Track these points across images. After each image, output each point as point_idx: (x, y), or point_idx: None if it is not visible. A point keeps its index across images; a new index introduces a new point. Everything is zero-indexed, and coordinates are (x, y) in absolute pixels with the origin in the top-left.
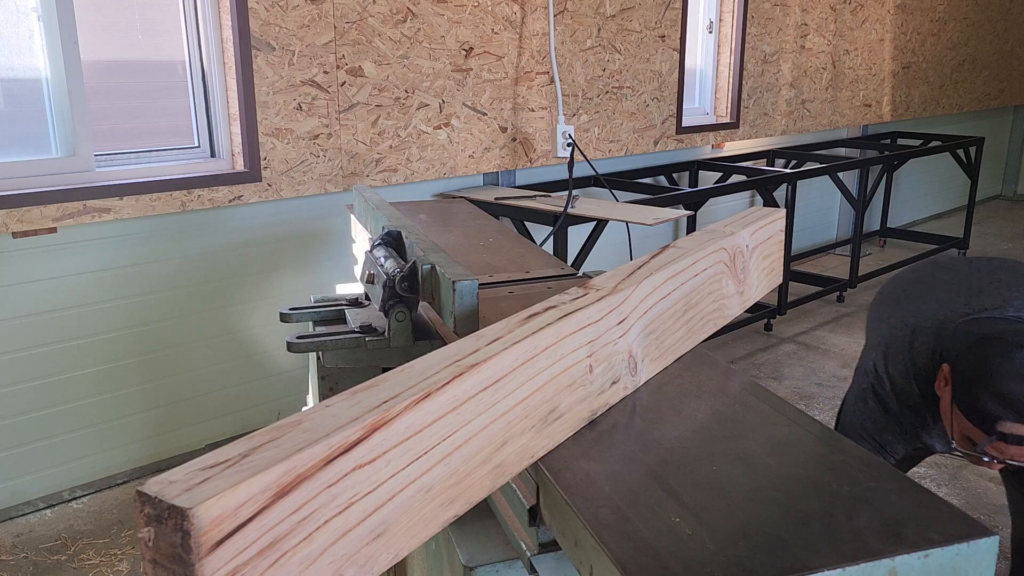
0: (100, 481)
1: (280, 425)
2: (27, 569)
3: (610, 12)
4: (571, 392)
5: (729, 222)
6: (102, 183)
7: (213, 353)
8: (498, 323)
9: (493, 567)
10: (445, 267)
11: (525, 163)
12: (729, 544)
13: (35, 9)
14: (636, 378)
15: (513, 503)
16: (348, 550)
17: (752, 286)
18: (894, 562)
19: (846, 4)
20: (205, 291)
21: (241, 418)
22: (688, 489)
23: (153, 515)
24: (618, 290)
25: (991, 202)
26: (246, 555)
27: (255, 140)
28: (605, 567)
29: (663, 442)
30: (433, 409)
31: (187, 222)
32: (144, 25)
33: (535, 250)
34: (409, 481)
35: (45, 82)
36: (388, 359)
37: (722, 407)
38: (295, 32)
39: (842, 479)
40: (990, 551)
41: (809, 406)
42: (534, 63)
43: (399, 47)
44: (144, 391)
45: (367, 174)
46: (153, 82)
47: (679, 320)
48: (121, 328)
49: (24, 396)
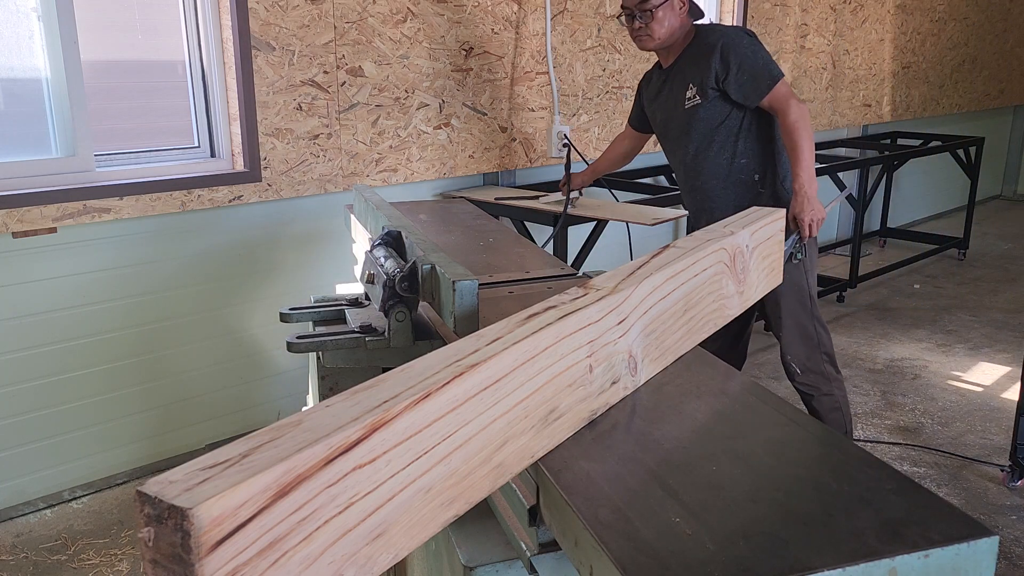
0: (100, 481)
1: (280, 425)
2: (27, 569)
3: (610, 12)
4: (571, 392)
5: (729, 222)
6: (102, 183)
7: (213, 353)
8: (498, 323)
9: (493, 567)
10: (445, 267)
11: (525, 163)
12: (729, 544)
13: (35, 9)
14: (636, 378)
15: (513, 503)
16: (348, 550)
17: (752, 286)
18: (894, 562)
19: (846, 4)
20: (205, 291)
21: (241, 418)
22: (688, 489)
23: (153, 515)
24: (618, 290)
25: (991, 202)
26: (246, 555)
27: (255, 140)
28: (605, 567)
29: (663, 442)
30: (433, 409)
31: (187, 222)
32: (144, 25)
33: (535, 250)
34: (409, 481)
35: (45, 82)
36: (388, 359)
37: (722, 407)
38: (295, 32)
39: (842, 479)
40: (990, 551)
41: None
42: (534, 63)
43: (399, 47)
44: (144, 391)
45: (367, 174)
46: (153, 82)
47: (679, 320)
48: (121, 328)
49: (24, 396)
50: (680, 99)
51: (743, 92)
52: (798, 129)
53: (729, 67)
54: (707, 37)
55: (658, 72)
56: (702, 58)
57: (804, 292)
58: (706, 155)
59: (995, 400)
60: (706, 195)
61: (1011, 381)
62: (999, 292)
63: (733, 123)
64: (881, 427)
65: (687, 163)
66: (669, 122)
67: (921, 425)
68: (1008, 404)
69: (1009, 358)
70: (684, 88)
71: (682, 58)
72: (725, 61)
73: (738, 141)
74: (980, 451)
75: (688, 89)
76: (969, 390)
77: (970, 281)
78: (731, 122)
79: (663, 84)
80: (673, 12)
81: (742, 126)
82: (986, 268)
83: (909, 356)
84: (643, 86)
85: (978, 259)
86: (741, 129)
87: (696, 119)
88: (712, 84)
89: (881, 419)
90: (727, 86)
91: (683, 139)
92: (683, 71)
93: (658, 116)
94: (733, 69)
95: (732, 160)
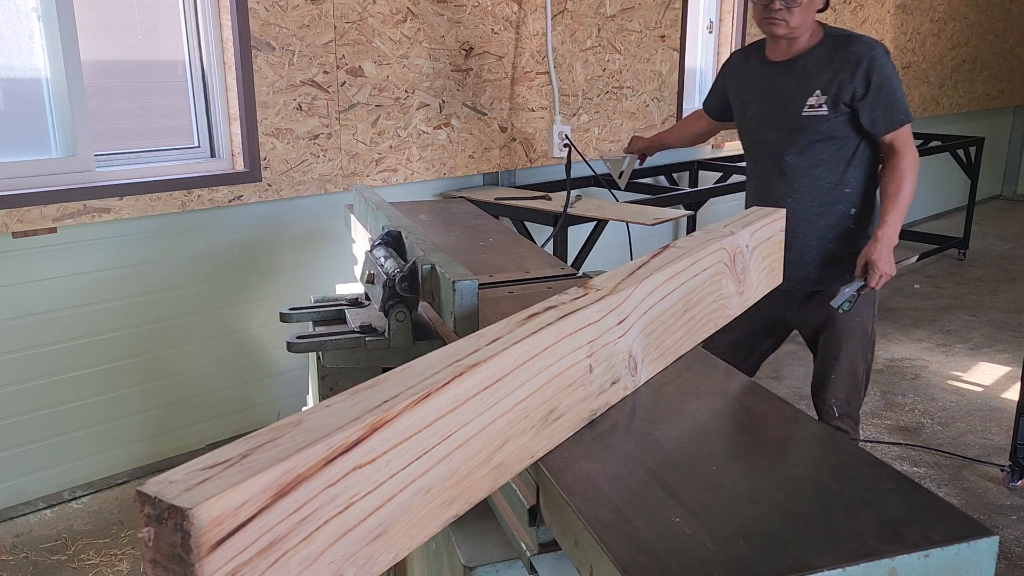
0: (100, 481)
1: (280, 425)
2: (27, 569)
3: (610, 12)
4: (571, 392)
5: (729, 222)
6: (102, 183)
7: (213, 353)
8: (498, 323)
9: (493, 567)
10: (445, 267)
11: (525, 163)
12: (729, 544)
13: (35, 9)
14: (636, 378)
15: (513, 503)
16: (348, 550)
17: (752, 286)
18: (894, 562)
19: (846, 4)
20: (205, 291)
21: (241, 418)
22: (688, 489)
23: (153, 515)
24: (618, 290)
25: (991, 202)
26: (246, 555)
27: (255, 140)
28: (605, 567)
29: (663, 442)
30: (433, 409)
31: (187, 222)
32: (144, 25)
33: (535, 250)
34: (409, 481)
35: (45, 82)
36: (388, 359)
37: (722, 407)
38: (295, 32)
39: (842, 479)
40: (990, 551)
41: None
42: (534, 63)
43: (399, 47)
44: (144, 391)
45: (367, 174)
46: (153, 82)
47: (679, 320)
48: (121, 328)
49: (24, 396)
50: (797, 101)
51: (873, 119)
52: (907, 178)
53: (870, 87)
54: (849, 44)
55: (762, 60)
56: (842, 67)
57: (868, 337)
58: (809, 173)
59: (995, 400)
60: (793, 215)
61: (1011, 381)
62: (999, 292)
63: (849, 147)
64: (881, 427)
65: (780, 172)
66: (767, 120)
67: (921, 425)
68: (1008, 404)
69: (1009, 358)
70: (806, 91)
71: (808, 57)
72: (867, 79)
73: (848, 168)
74: (980, 451)
75: (813, 95)
76: (969, 390)
77: (970, 281)
78: (848, 146)
79: (772, 76)
80: (814, 3)
81: (856, 153)
82: (986, 268)
83: (909, 356)
84: (731, 70)
85: (978, 259)
86: (854, 156)
87: (811, 130)
88: (847, 100)
89: (881, 419)
90: (860, 106)
91: (785, 145)
92: (807, 72)
93: (752, 109)
94: (873, 91)
95: (835, 186)
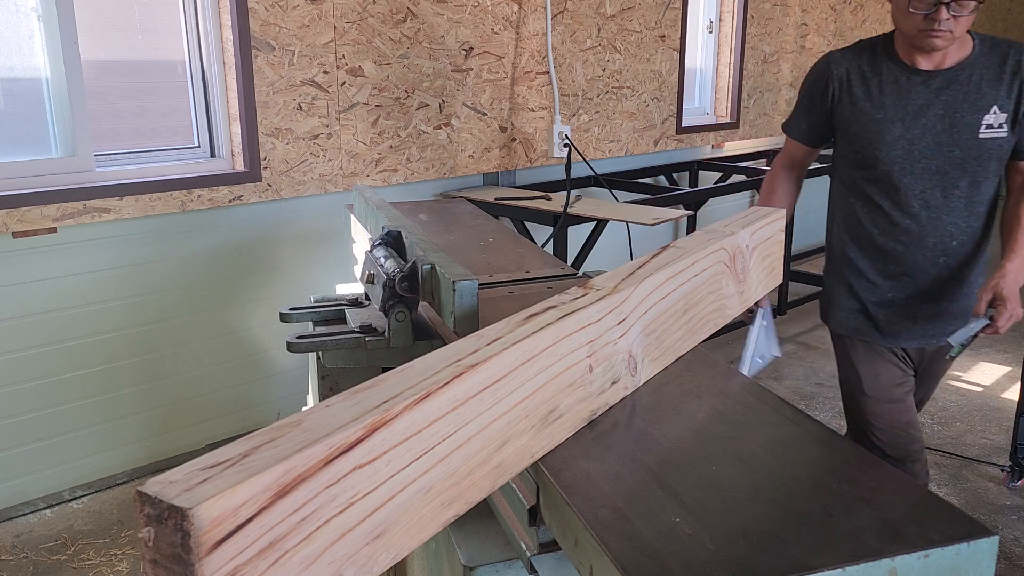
0: (100, 481)
1: (280, 425)
2: (27, 569)
3: (610, 12)
4: (571, 392)
5: (729, 222)
6: (102, 183)
7: (213, 353)
8: (498, 323)
9: (493, 567)
10: (445, 267)
11: (525, 163)
12: (729, 544)
13: (35, 9)
14: (636, 378)
15: (513, 503)
16: (348, 550)
17: (752, 286)
18: (894, 562)
19: (846, 4)
20: (205, 291)
21: (241, 418)
22: (688, 489)
23: (153, 515)
24: (618, 290)
25: None
26: (246, 555)
27: (255, 140)
28: (605, 567)
29: (663, 442)
30: (433, 409)
31: (187, 222)
32: (144, 25)
33: (535, 250)
34: (409, 481)
35: (45, 82)
36: (388, 359)
37: (722, 407)
38: (295, 32)
39: (842, 479)
40: (990, 551)
41: (809, 406)
42: (534, 63)
43: (399, 47)
44: (144, 391)
45: (367, 174)
46: (153, 82)
47: (679, 320)
48: (121, 328)
49: (24, 396)
50: (970, 121)
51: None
52: None
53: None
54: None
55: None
56: (1014, 77)
57: None
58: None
59: (995, 400)
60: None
61: (1011, 381)
62: None
63: (999, 173)
64: None
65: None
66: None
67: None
68: (1008, 404)
69: (1009, 358)
70: (982, 107)
71: (975, 66)
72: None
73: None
74: (980, 451)
75: (990, 112)
76: (969, 390)
77: None
78: (1001, 170)
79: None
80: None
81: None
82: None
83: None
84: (845, 80)
85: None
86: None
87: (990, 156)
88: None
89: None
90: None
91: (954, 175)
92: (978, 84)
93: (896, 129)
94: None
95: (970, 217)
